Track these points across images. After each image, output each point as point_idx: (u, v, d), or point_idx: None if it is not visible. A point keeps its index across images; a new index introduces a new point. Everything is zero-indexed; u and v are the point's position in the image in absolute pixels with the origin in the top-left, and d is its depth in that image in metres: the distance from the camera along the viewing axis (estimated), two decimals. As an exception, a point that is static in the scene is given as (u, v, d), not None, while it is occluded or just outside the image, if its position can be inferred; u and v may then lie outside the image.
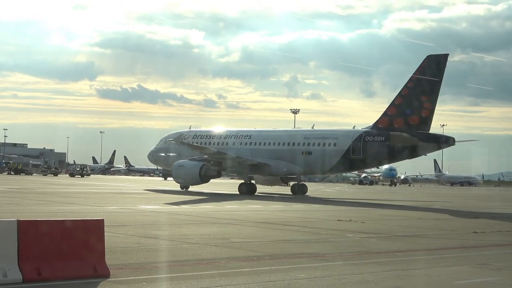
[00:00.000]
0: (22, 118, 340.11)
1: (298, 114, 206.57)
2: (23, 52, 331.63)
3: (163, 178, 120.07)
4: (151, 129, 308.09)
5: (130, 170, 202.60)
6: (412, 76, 62.93)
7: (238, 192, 69.15)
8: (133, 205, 42.29)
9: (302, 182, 77.81)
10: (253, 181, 73.47)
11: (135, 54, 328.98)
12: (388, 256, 20.62)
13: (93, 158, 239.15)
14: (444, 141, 64.60)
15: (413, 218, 40.46)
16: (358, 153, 65.73)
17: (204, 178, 69.17)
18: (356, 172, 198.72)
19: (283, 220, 34.64)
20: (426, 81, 61.20)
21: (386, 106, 65.23)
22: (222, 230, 27.27)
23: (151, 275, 15.61)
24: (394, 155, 66.19)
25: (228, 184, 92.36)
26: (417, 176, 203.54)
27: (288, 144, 71.73)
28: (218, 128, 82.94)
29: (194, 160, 70.01)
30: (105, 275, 14.64)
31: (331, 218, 37.23)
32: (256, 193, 69.47)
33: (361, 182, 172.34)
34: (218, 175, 72.35)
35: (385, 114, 65.13)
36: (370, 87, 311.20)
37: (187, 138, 76.18)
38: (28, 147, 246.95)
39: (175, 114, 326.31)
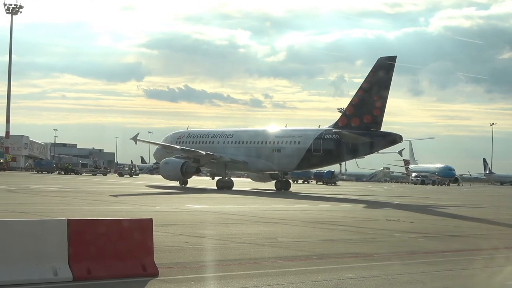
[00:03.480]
0: (72, 119, 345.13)
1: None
2: (72, 54, 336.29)
3: (210, 178, 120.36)
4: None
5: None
6: (366, 77, 68.00)
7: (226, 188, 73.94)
8: (181, 205, 42.55)
9: (286, 178, 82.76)
10: (230, 178, 79.50)
11: (182, 54, 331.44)
12: (436, 256, 20.42)
13: (142, 158, 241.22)
14: (391, 138, 69.00)
15: (461, 218, 40.01)
16: (318, 151, 71.45)
17: (185, 174, 75.61)
18: (404, 171, 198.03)
19: (330, 219, 34.55)
20: (378, 82, 66.39)
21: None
22: (270, 230, 27.29)
23: (199, 274, 15.68)
24: (349, 152, 70.83)
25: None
26: (461, 175, 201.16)
27: (263, 142, 77.49)
28: (210, 128, 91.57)
29: (178, 158, 76.22)
30: (154, 274, 14.75)
31: (379, 217, 37.03)
32: (233, 189, 73.96)
33: (423, 182, 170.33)
34: (197, 172, 79.47)
35: (344, 113, 71.43)
36: (417, 85, 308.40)
37: (181, 137, 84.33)
38: (77, 147, 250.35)
39: (222, 114, 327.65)
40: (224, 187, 74.41)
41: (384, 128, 67.93)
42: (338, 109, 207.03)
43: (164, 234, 22.81)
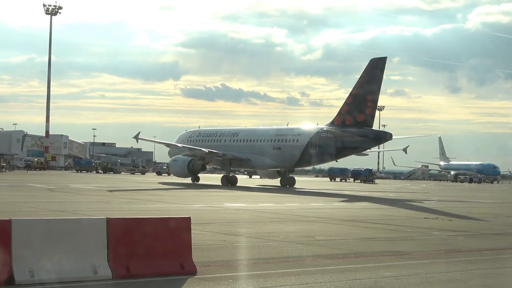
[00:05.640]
0: (111, 118, 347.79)
1: (383, 111, 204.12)
2: (110, 54, 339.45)
3: (248, 176, 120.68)
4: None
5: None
6: (359, 78, 70.52)
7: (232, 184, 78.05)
8: (218, 203, 42.67)
9: (290, 175, 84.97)
10: (235, 174, 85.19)
11: (219, 53, 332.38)
12: (476, 255, 20.24)
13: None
14: (381, 136, 72.47)
15: (501, 216, 39.58)
16: (314, 148, 74.19)
17: (192, 171, 79.67)
18: (445, 169, 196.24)
19: (368, 218, 34.40)
20: (370, 82, 68.83)
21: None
22: (307, 228, 27.26)
23: (237, 273, 15.72)
24: (343, 149, 73.66)
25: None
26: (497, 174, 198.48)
27: (265, 140, 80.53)
28: (219, 127, 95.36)
29: (187, 156, 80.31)
30: (192, 272, 14.81)
31: (417, 216, 36.77)
32: (237, 185, 78.12)
33: (471, 181, 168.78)
34: (203, 169, 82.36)
35: (339, 112, 72.97)
36: (455, 82, 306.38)
37: (192, 136, 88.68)
38: (116, 146, 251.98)
39: (260, 113, 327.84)
40: (229, 183, 78.03)
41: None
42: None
43: (202, 233, 22.90)
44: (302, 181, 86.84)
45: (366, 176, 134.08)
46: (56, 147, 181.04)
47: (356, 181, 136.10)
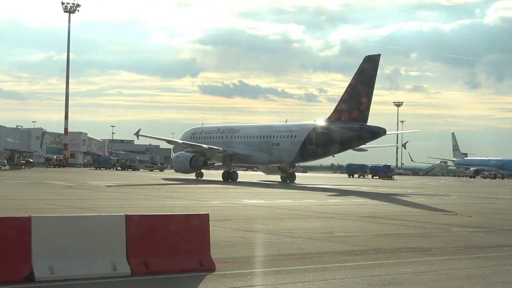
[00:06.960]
0: (129, 115, 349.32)
1: (401, 106, 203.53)
2: (128, 51, 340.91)
3: (264, 173, 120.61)
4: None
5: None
6: (354, 74, 72.78)
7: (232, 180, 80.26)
8: (237, 200, 42.70)
9: (291, 171, 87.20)
10: (235, 170, 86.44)
11: (236, 50, 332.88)
12: (496, 251, 20.11)
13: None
14: (375, 131, 73.18)
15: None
16: (311, 144, 76.58)
17: (193, 167, 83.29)
18: (456, 165, 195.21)
19: (386, 214, 34.29)
20: (364, 78, 70.60)
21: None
22: (326, 224, 27.20)
23: (255, 269, 15.70)
24: (339, 145, 75.25)
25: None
26: None
27: (264, 137, 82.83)
28: (221, 124, 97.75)
29: (189, 152, 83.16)
30: (211, 268, 14.80)
31: (436, 212, 36.61)
32: (237, 180, 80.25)
33: (495, 176, 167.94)
34: (204, 165, 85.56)
35: (336, 109, 74.96)
36: (474, 78, 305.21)
37: (195, 133, 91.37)
38: (134, 143, 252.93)
39: (278, 109, 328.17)
40: (229, 178, 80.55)
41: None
42: (394, 102, 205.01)
43: (221, 229, 22.91)
44: (319, 177, 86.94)
45: (385, 172, 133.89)
46: (75, 144, 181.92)
47: (374, 177, 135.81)
